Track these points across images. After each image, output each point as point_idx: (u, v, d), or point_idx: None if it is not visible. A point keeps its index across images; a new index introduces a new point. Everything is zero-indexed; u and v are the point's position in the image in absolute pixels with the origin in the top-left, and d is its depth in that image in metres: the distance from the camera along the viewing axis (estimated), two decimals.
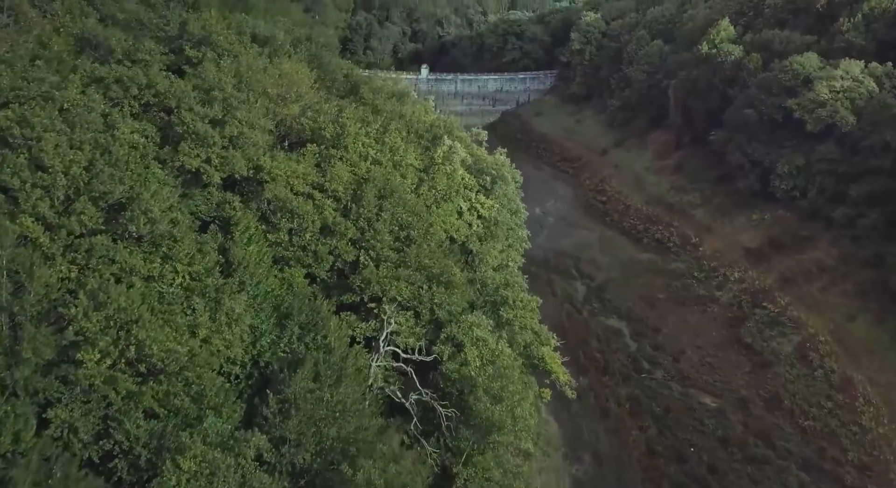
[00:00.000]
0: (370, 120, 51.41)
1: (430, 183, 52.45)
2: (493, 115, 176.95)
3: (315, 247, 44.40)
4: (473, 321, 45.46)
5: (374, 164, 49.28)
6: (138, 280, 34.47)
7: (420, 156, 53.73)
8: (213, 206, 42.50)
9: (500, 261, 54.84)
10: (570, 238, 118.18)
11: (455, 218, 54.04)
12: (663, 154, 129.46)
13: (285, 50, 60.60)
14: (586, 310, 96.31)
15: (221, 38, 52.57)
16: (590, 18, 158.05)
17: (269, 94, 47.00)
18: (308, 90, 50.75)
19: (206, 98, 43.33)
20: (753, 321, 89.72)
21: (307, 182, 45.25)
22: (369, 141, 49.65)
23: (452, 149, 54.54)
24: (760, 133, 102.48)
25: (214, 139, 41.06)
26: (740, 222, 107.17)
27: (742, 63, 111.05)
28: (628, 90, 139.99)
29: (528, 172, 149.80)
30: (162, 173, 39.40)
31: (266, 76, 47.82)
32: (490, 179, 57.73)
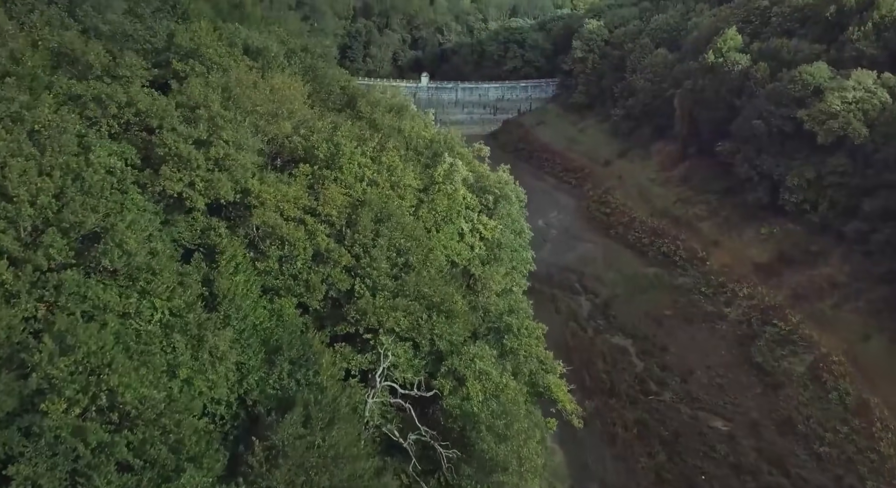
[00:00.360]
0: (366, 137, 48.67)
1: (429, 204, 49.67)
2: (495, 124, 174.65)
3: (307, 276, 41.60)
4: (476, 352, 42.67)
5: (370, 185, 46.50)
6: (113, 317, 31.66)
7: (419, 176, 50.99)
8: (198, 233, 39.73)
9: (503, 285, 52.07)
10: (574, 251, 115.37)
11: (456, 240, 51.25)
12: (668, 165, 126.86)
13: (278, 62, 57.93)
14: (591, 328, 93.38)
15: (211, 50, 49.88)
16: (592, 26, 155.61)
17: (259, 112, 44.29)
18: (301, 106, 48.05)
19: (192, 116, 40.59)
20: (764, 339, 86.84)
21: (298, 206, 42.47)
22: (365, 160, 46.92)
23: (453, 167, 51.81)
24: (769, 144, 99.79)
25: (199, 161, 38.30)
26: (748, 236, 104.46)
27: (749, 72, 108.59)
28: (632, 99, 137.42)
29: (530, 183, 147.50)
30: (142, 199, 36.65)
31: (256, 92, 45.09)
32: (493, 199, 54.99)
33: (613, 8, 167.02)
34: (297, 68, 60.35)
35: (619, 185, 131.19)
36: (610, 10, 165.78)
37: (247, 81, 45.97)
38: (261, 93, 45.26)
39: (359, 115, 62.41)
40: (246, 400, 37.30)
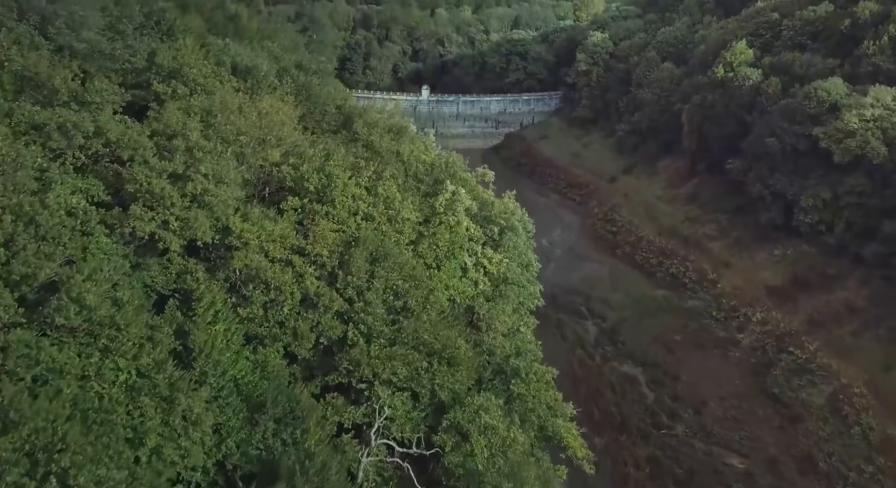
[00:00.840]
0: (361, 166, 44.89)
1: (430, 238, 45.88)
2: (496, 138, 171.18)
3: (294, 323, 37.79)
4: (481, 404, 38.75)
5: (365, 219, 42.72)
6: (71, 381, 27.80)
7: (419, 207, 47.16)
8: (173, 277, 35.92)
9: (510, 324, 48.22)
10: (579, 272, 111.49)
11: (459, 277, 47.41)
12: (676, 182, 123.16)
13: (268, 82, 54.22)
14: (598, 355, 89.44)
15: (195, 70, 46.17)
16: (596, 38, 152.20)
17: (244, 139, 40.52)
18: (291, 131, 44.32)
19: (168, 146, 36.84)
20: (780, 368, 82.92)
21: (286, 246, 38.70)
22: (360, 191, 43.16)
23: (455, 196, 48.02)
24: (783, 163, 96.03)
25: (173, 199, 34.51)
26: (761, 257, 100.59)
27: (761, 88, 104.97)
28: (638, 114, 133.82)
29: (533, 199, 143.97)
30: (108, 241, 32.84)
31: (242, 117, 41.39)
32: (498, 230, 51.19)
33: (618, 20, 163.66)
34: (290, 88, 56.65)
35: (625, 203, 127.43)
36: (614, 23, 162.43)
37: (232, 105, 42.24)
38: (247, 118, 41.52)
39: (355, 136, 58.71)
40: (225, 464, 33.39)
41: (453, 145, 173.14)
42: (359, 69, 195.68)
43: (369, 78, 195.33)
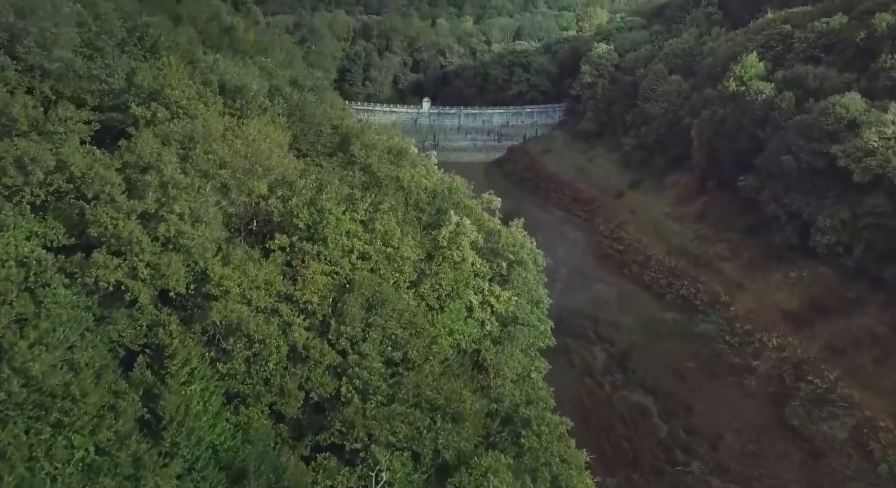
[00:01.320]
0: (357, 198, 41.00)
1: (432, 278, 41.96)
2: (499, 151, 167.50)
3: (281, 380, 33.87)
4: (489, 465, 34.72)
5: (360, 258, 38.82)
6: (17, 463, 23.85)
7: (420, 241, 43.23)
8: (143, 331, 32.02)
9: (520, 369, 44.25)
10: (586, 293, 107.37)
11: (464, 318, 43.46)
12: (685, 199, 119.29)
13: (258, 103, 50.40)
14: (608, 383, 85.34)
15: (177, 91, 42.33)
16: (601, 50, 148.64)
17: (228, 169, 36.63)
18: (280, 160, 40.46)
19: (140, 181, 32.97)
20: (799, 399, 79.08)
21: (271, 293, 34.82)
22: (355, 227, 39.30)
23: (460, 227, 44.15)
24: (799, 181, 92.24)
25: (142, 243, 30.64)
26: (775, 279, 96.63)
27: (774, 102, 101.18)
28: (645, 128, 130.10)
29: (537, 215, 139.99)
30: (68, 294, 28.97)
31: (226, 145, 37.57)
32: (507, 264, 47.34)
33: (623, 31, 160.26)
34: (281, 109, 52.82)
35: (632, 220, 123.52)
36: (619, 34, 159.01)
37: (216, 131, 38.41)
38: (231, 146, 37.68)
39: (352, 159, 54.86)
40: None
41: (455, 159, 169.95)
42: (358, 81, 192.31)
43: (369, 89, 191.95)
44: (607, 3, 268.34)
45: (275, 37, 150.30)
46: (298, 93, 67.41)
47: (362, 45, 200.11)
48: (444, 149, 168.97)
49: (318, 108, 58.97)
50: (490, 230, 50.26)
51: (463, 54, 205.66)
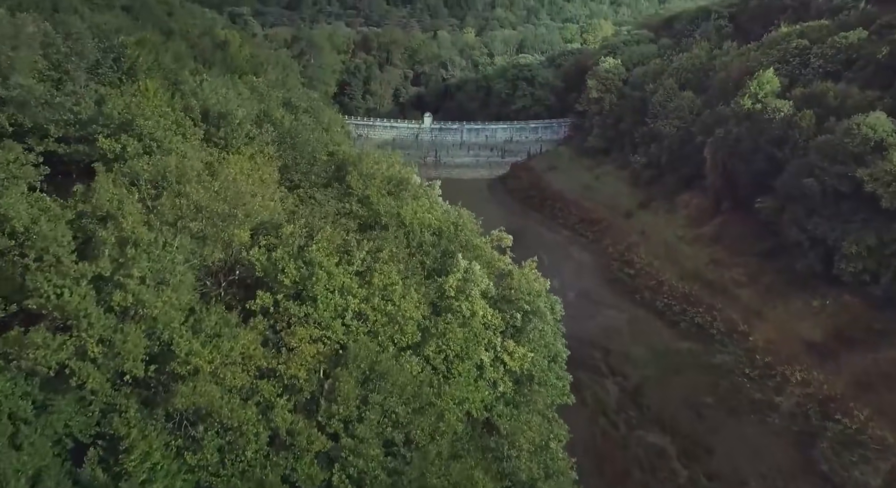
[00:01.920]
0: (353, 245, 36.08)
1: (439, 338, 36.99)
2: (502, 168, 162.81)
3: (261, 472, 28.89)
4: None
5: (356, 319, 33.93)
6: None
7: (424, 292, 38.27)
8: (95, 418, 27.14)
9: (537, 439, 39.18)
10: (595, 320, 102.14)
11: (474, 381, 38.43)
12: (698, 220, 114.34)
13: (244, 131, 45.62)
14: (622, 422, 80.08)
15: (150, 122, 37.55)
16: (609, 64, 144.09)
17: (196, 224, 31.76)
18: (266, 201, 35.63)
19: (96, 237, 28.14)
20: (827, 440, 73.79)
21: (250, 368, 29.91)
22: (350, 281, 34.44)
23: (469, 274, 39.28)
24: (823, 205, 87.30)
25: (92, 317, 25.79)
26: (796, 307, 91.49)
27: (793, 121, 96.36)
28: (655, 145, 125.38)
29: (543, 235, 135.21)
30: (1, 379, 24.13)
31: (201, 187, 32.77)
32: (521, 315, 42.35)
33: (630, 44, 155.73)
34: (271, 137, 48.03)
35: (642, 241, 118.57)
36: (626, 47, 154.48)
37: (192, 169, 33.59)
38: (209, 187, 32.85)
39: (348, 191, 50.15)
40: None
41: (457, 175, 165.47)
42: (358, 94, 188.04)
43: (369, 103, 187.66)
44: (611, 15, 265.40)
45: (271, 51, 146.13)
46: (292, 115, 62.85)
47: (362, 58, 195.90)
48: (446, 165, 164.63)
49: (312, 133, 54.10)
50: (502, 271, 45.30)
51: (465, 67, 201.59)
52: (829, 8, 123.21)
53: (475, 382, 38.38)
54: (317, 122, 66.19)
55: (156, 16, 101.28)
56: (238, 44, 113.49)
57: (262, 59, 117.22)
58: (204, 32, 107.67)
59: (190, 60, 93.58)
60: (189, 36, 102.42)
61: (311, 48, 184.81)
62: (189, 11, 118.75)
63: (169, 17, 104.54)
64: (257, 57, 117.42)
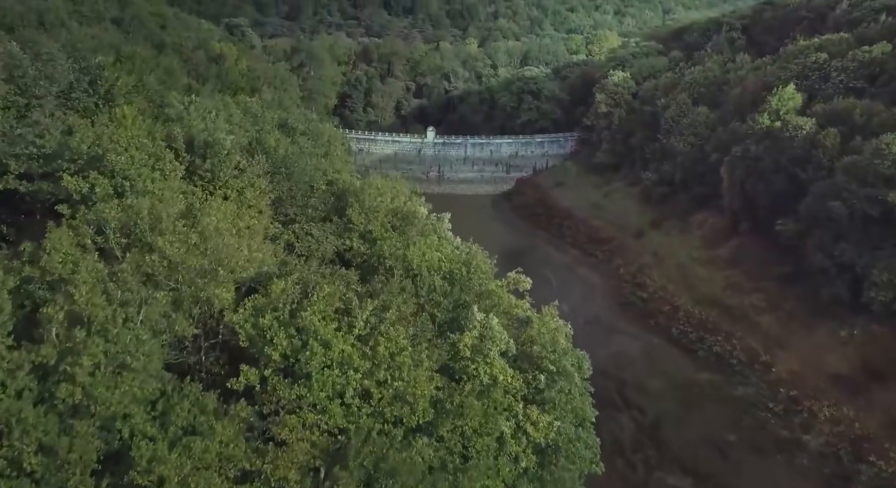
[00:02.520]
0: (354, 305, 31.12)
1: (454, 416, 31.89)
2: (507, 183, 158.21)
3: None
4: None
5: (358, 398, 29.02)
6: None
7: (437, 354, 33.31)
8: None
9: None
10: (608, 348, 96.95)
11: (494, 462, 33.34)
12: (713, 241, 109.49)
13: (233, 162, 40.92)
14: (640, 463, 75.01)
15: (123, 158, 32.80)
16: (618, 78, 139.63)
17: (163, 289, 26.94)
18: (254, 253, 30.84)
19: (43, 307, 23.34)
20: (861, 484, 68.92)
21: (228, 470, 24.98)
22: (351, 350, 29.56)
23: (486, 330, 34.48)
24: (850, 230, 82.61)
25: (27, 422, 20.87)
26: (821, 337, 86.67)
27: (816, 140, 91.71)
28: (667, 162, 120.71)
29: (551, 255, 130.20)
30: None
31: (176, 239, 27.98)
32: (545, 377, 37.29)
33: (639, 57, 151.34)
34: (263, 168, 43.31)
35: (654, 263, 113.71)
36: (635, 60, 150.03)
37: (169, 216, 28.85)
38: (186, 239, 28.08)
39: (348, 227, 45.44)
40: None
41: (461, 191, 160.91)
42: (359, 107, 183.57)
43: (370, 116, 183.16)
44: (616, 26, 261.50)
45: (269, 64, 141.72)
46: (289, 138, 58.17)
47: (363, 70, 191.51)
48: (450, 180, 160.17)
49: (309, 160, 49.38)
50: (521, 319, 40.46)
51: (468, 79, 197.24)
52: (848, 20, 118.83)
53: (495, 459, 33.52)
54: (315, 145, 61.44)
55: (147, 28, 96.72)
56: (234, 57, 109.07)
57: (259, 73, 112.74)
58: (198, 46, 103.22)
59: (183, 76, 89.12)
60: (182, 50, 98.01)
61: (311, 60, 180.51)
62: (184, 23, 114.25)
63: (162, 30, 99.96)
64: (254, 71, 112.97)
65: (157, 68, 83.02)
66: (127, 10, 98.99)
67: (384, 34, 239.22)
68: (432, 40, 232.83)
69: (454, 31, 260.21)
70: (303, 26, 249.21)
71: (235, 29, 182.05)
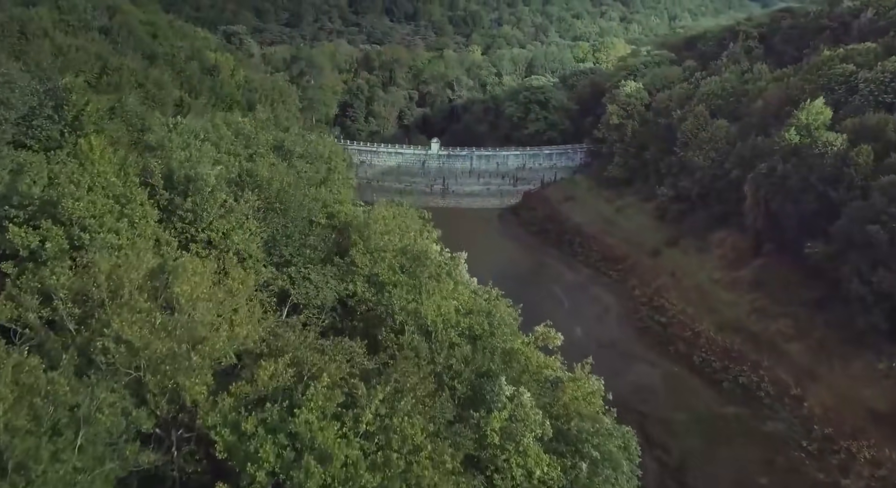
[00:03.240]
0: (360, 395, 25.29)
1: None
2: (514, 197, 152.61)
3: None
4: None
5: None
6: None
7: (460, 441, 27.61)
8: None
9: None
10: (625, 377, 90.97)
11: None
12: (735, 262, 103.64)
13: (218, 200, 35.25)
14: None
15: (81, 205, 27.17)
16: (630, 88, 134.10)
17: (142, 358, 21.43)
18: (237, 329, 25.16)
19: None
20: None
21: None
22: (357, 453, 23.83)
23: (517, 407, 28.75)
24: (891, 256, 76.74)
25: None
26: (857, 369, 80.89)
27: (848, 157, 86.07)
28: (685, 178, 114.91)
29: (562, 273, 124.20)
30: None
31: (138, 315, 22.32)
32: (587, 466, 31.41)
33: (651, 66, 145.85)
34: (252, 207, 37.65)
35: (672, 284, 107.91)
36: (647, 69, 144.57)
37: (133, 281, 23.22)
38: (151, 318, 22.45)
39: (351, 269, 39.86)
40: None
41: (466, 204, 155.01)
42: (361, 117, 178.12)
43: (372, 126, 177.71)
44: (622, 33, 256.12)
45: (267, 74, 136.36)
46: (284, 161, 52.60)
47: (365, 78, 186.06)
48: (455, 193, 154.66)
49: (307, 189, 43.80)
50: (553, 381, 34.78)
51: (472, 87, 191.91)
52: (874, 29, 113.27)
53: None
54: (314, 168, 55.84)
55: (137, 38, 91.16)
56: (230, 68, 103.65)
57: (256, 84, 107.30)
58: (191, 56, 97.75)
59: (174, 89, 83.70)
60: (175, 60, 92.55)
61: (311, 68, 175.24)
62: (179, 32, 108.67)
63: (153, 40, 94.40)
64: (252, 82, 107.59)
65: (147, 81, 77.65)
66: (116, 18, 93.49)
67: (386, 41, 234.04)
68: (435, 48, 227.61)
69: (457, 38, 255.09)
70: (303, 33, 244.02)
71: (233, 37, 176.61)
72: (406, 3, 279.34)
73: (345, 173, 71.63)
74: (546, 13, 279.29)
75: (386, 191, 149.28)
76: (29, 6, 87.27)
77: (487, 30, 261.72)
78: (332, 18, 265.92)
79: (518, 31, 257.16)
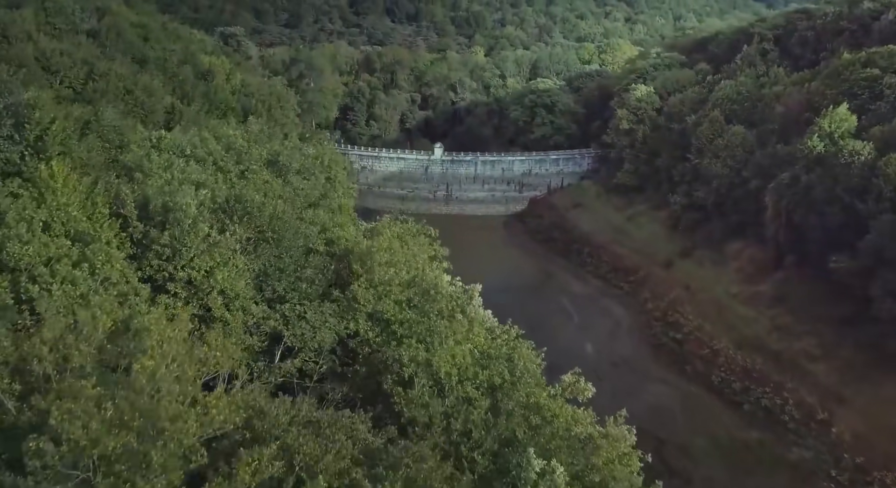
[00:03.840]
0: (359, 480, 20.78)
1: None
2: (520, 203, 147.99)
3: None
4: None
5: None
6: None
7: None
8: None
9: None
10: (640, 398, 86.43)
11: None
12: (754, 275, 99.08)
13: (200, 233, 30.72)
14: None
15: (31, 249, 22.64)
16: (640, 92, 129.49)
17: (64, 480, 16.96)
18: (213, 410, 20.62)
19: None
20: None
21: None
22: None
23: (550, 486, 24.33)
24: None
25: None
26: (889, 392, 76.30)
27: (876, 167, 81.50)
28: (699, 186, 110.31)
29: (571, 285, 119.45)
30: None
31: (85, 403, 17.86)
32: None
33: (660, 69, 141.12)
34: (241, 240, 33.11)
35: (687, 298, 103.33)
36: (657, 72, 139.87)
37: (81, 353, 18.61)
38: (102, 406, 17.93)
39: (352, 305, 35.41)
40: None
41: (471, 211, 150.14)
42: (361, 120, 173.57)
43: (373, 130, 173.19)
44: (626, 34, 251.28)
45: (265, 77, 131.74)
46: (279, 178, 48.12)
47: (366, 80, 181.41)
48: (459, 200, 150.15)
49: (303, 217, 39.24)
50: (584, 439, 30.32)
51: (475, 89, 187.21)
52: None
53: None
54: (311, 185, 51.27)
55: (127, 42, 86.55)
56: (226, 72, 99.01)
57: (252, 89, 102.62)
58: (185, 60, 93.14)
59: (165, 95, 79.17)
60: (167, 65, 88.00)
61: (311, 70, 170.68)
62: (172, 34, 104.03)
63: (144, 43, 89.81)
64: (248, 86, 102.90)
65: (136, 88, 73.14)
66: (105, 20, 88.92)
67: (387, 42, 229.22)
68: (437, 49, 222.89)
69: (460, 39, 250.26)
70: (303, 34, 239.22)
71: (230, 38, 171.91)
72: (407, 4, 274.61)
73: (346, 183, 67.16)
74: (550, 14, 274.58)
75: (388, 197, 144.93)
76: (13, 8, 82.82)
77: (490, 30, 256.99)
78: (332, 19, 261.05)
79: (521, 32, 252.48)
